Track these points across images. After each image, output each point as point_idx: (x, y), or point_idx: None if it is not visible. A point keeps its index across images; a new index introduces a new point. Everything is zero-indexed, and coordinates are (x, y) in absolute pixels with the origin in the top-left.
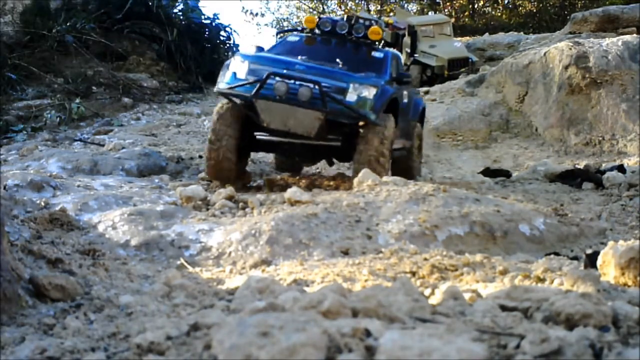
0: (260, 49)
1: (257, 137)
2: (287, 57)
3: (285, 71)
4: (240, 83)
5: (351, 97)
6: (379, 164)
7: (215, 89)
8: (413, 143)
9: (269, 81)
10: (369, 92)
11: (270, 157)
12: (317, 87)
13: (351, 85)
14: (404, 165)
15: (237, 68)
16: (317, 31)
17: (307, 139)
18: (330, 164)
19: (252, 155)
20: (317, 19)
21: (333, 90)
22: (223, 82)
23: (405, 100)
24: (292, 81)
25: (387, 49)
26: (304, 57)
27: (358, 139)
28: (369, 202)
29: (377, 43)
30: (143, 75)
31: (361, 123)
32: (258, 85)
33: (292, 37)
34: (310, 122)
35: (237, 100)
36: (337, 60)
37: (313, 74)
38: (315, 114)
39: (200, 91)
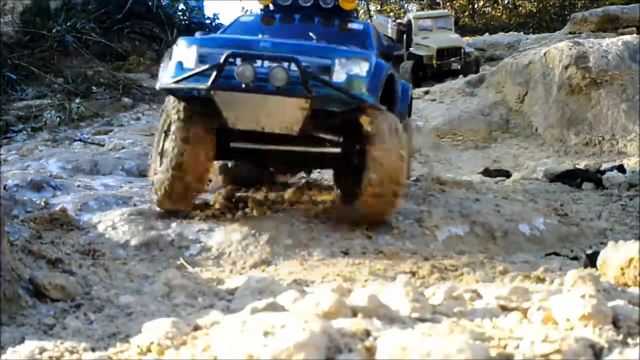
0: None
1: (232, 146)
2: (246, 37)
3: (249, 52)
4: (190, 73)
5: (339, 76)
6: (400, 172)
7: (157, 85)
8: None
9: (228, 65)
10: (361, 69)
11: None
12: (294, 65)
13: (337, 61)
14: None
15: (182, 56)
16: (274, 8)
17: (293, 144)
18: (308, 172)
19: None
20: None
21: (315, 69)
22: (167, 76)
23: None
24: (260, 62)
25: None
26: (265, 36)
27: (364, 140)
28: None
29: (352, 14)
30: (143, 75)
31: (360, 115)
32: (215, 71)
33: (245, 18)
34: (290, 114)
35: (198, 93)
36: (310, 34)
37: (285, 51)
38: (297, 102)
39: None
